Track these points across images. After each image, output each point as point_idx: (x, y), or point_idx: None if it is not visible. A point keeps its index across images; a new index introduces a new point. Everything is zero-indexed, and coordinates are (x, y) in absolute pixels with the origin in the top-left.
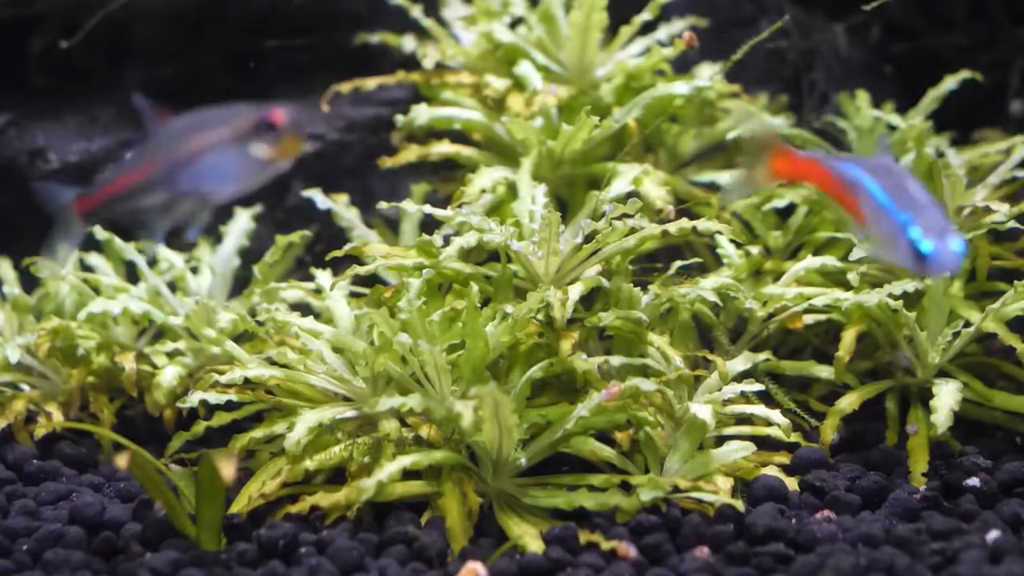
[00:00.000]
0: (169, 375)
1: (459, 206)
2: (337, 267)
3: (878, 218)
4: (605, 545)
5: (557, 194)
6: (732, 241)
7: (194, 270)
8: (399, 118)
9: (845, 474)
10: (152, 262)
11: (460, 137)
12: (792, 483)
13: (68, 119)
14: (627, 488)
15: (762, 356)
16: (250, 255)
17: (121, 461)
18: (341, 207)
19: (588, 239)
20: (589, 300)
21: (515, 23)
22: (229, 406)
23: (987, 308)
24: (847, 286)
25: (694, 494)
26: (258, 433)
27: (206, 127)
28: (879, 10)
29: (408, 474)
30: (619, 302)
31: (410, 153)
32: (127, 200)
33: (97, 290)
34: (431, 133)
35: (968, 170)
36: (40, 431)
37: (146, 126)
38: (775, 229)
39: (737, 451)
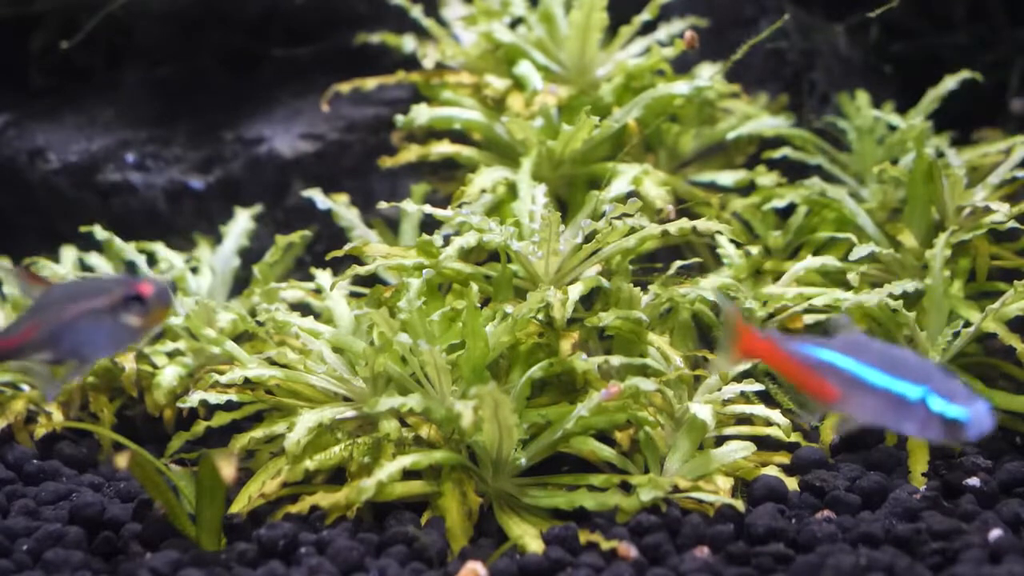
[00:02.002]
0: (169, 375)
1: (459, 206)
2: (337, 267)
3: (865, 396)
4: (605, 545)
5: (557, 194)
6: (732, 241)
7: (194, 270)
8: (399, 118)
9: (845, 474)
10: (152, 262)
11: (460, 137)
12: (792, 483)
13: (68, 119)
14: (627, 488)
15: None
16: (250, 255)
17: (121, 461)
18: (341, 207)
19: (588, 239)
20: (589, 300)
21: (515, 23)
22: (229, 406)
23: (987, 308)
24: (847, 286)
25: (694, 494)
26: (258, 433)
27: (81, 297)
28: (878, 9)
29: (408, 474)
30: (619, 302)
31: (410, 153)
32: (14, 357)
33: None
34: (431, 133)
35: (968, 170)
36: (40, 431)
37: (26, 292)
38: (775, 229)
39: (737, 451)
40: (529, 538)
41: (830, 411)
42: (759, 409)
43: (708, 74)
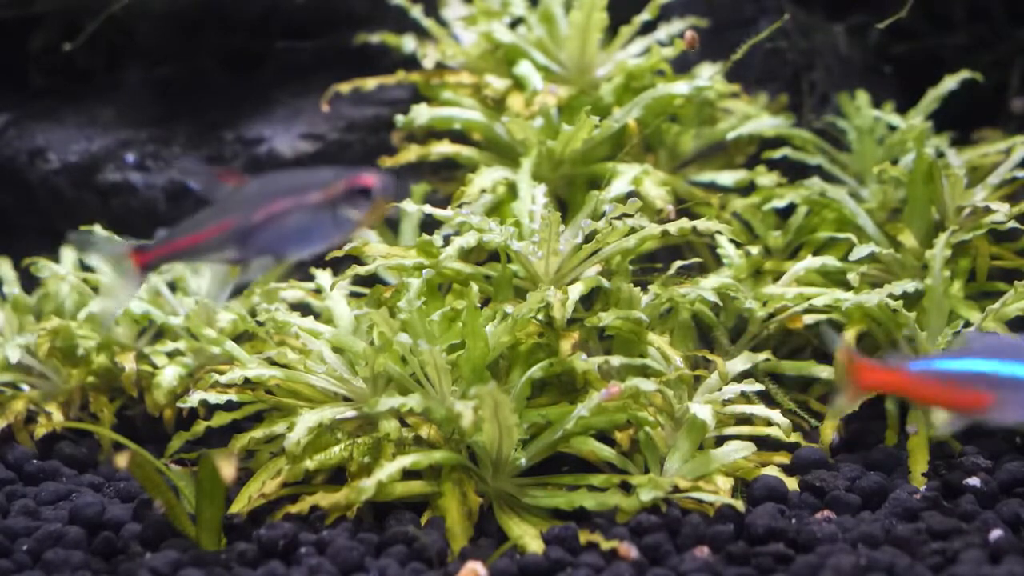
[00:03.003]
0: (169, 375)
1: (459, 206)
2: (337, 267)
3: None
4: (605, 545)
5: (557, 194)
6: (732, 241)
7: (194, 270)
8: (399, 118)
9: (845, 474)
10: None
11: (460, 137)
12: (792, 483)
13: (68, 119)
14: (627, 488)
15: (762, 356)
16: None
17: (121, 461)
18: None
19: (588, 239)
20: (589, 300)
21: (515, 23)
22: (229, 406)
23: (987, 308)
24: (847, 286)
25: (694, 494)
26: (258, 433)
27: (293, 191)
28: (879, 11)
29: (408, 474)
30: (619, 302)
31: (410, 153)
32: (191, 256)
33: (97, 290)
34: (431, 133)
35: (968, 170)
36: (40, 431)
37: (206, 189)
38: (775, 229)
39: (737, 451)
40: (529, 538)
41: (977, 419)
42: (759, 409)
43: (708, 74)
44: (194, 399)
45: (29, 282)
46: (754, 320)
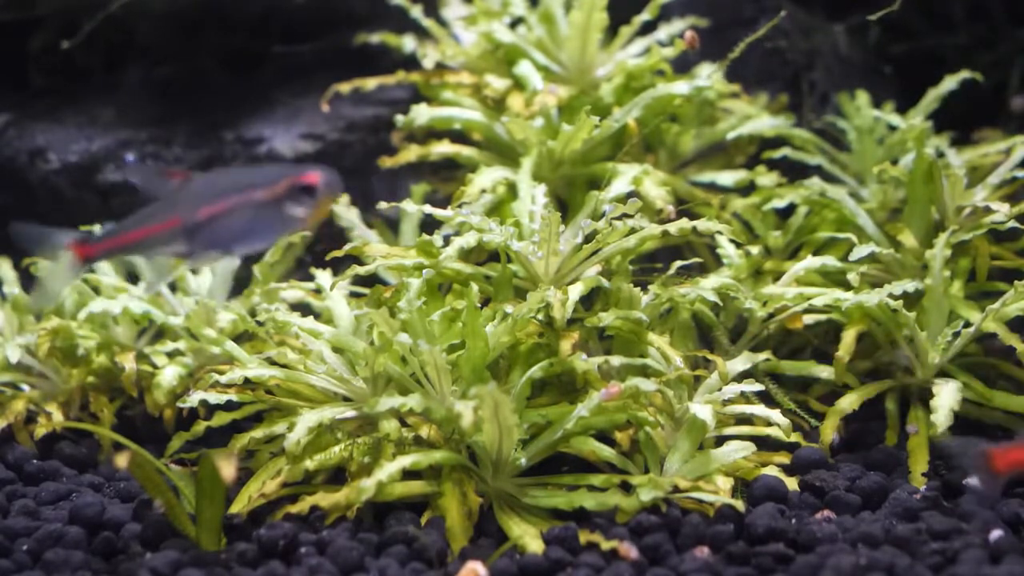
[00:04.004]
0: (169, 375)
1: (459, 206)
2: (337, 267)
3: None
4: (605, 545)
5: (557, 194)
6: (732, 241)
7: (194, 270)
8: (399, 118)
9: (845, 474)
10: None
11: (460, 137)
12: (792, 483)
13: (68, 119)
14: (627, 488)
15: (762, 356)
16: (250, 255)
17: (121, 461)
18: (341, 207)
19: (588, 239)
20: (589, 300)
21: (515, 23)
22: (229, 406)
23: (987, 308)
24: (847, 286)
25: (694, 494)
26: (258, 433)
27: (236, 188)
28: (879, 11)
29: (408, 474)
30: (619, 302)
31: (410, 153)
32: (138, 250)
33: (97, 290)
34: (431, 133)
35: (968, 170)
36: (40, 431)
37: (150, 186)
38: (775, 229)
39: (737, 451)
40: (529, 538)
41: None
42: (759, 409)
43: (708, 74)
44: (194, 399)
45: (29, 282)
46: (754, 320)
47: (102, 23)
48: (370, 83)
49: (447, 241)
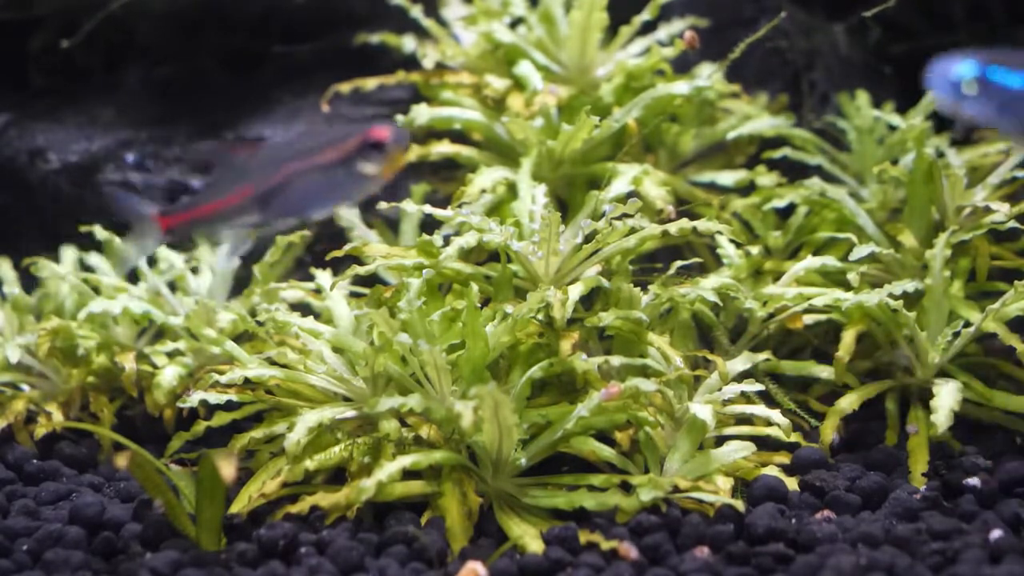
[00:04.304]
0: (169, 375)
1: (459, 206)
2: (337, 267)
3: None
4: (605, 545)
5: (557, 194)
6: (732, 241)
7: (194, 270)
8: (399, 118)
9: (845, 474)
10: (152, 262)
11: (460, 137)
12: (792, 483)
13: (68, 119)
14: (627, 488)
15: (762, 356)
16: (250, 255)
17: (121, 461)
18: (341, 207)
19: (588, 239)
20: (589, 300)
21: (515, 23)
22: (229, 406)
23: (987, 308)
24: (847, 286)
25: (694, 494)
26: (258, 433)
27: (305, 152)
28: (878, 10)
29: (408, 474)
30: (619, 302)
31: (410, 153)
32: (215, 222)
33: (97, 290)
34: (431, 133)
35: (968, 170)
36: (40, 431)
37: (218, 163)
38: (775, 229)
39: (737, 451)
40: (529, 538)
41: None
42: (759, 409)
43: (708, 74)
44: (194, 399)
45: (29, 282)
46: (754, 320)
47: (102, 23)
48: (370, 83)
49: (447, 241)
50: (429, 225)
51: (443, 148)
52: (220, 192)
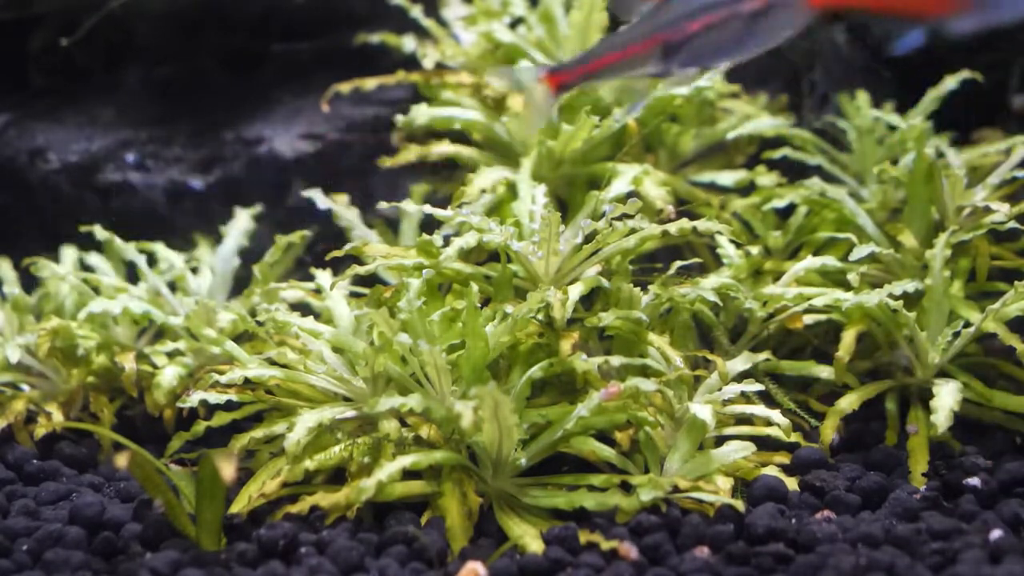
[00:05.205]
0: (169, 375)
1: (459, 206)
2: (337, 267)
3: None
4: (605, 545)
5: (557, 194)
6: (732, 241)
7: (194, 270)
8: (399, 118)
9: (845, 474)
10: (152, 262)
11: (460, 137)
12: (792, 483)
13: (68, 119)
14: (627, 488)
15: (762, 356)
16: (250, 255)
17: (121, 461)
18: (341, 207)
19: (588, 239)
20: (589, 300)
21: (515, 23)
22: (229, 406)
23: (987, 308)
24: (847, 286)
25: (694, 494)
26: (258, 433)
27: (723, 1)
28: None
29: (408, 474)
30: (619, 302)
31: (410, 153)
32: (610, 74)
33: (97, 290)
34: (431, 133)
35: (968, 170)
36: (40, 431)
37: (624, 12)
38: (775, 229)
39: (737, 451)
40: (529, 538)
41: None
42: (759, 409)
43: (708, 74)
44: (194, 399)
45: (29, 282)
46: (754, 320)
47: (101, 23)
48: (370, 83)
49: (447, 241)
50: (429, 225)
51: (443, 148)
52: (620, 45)
